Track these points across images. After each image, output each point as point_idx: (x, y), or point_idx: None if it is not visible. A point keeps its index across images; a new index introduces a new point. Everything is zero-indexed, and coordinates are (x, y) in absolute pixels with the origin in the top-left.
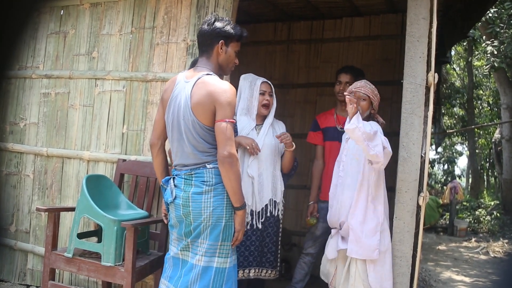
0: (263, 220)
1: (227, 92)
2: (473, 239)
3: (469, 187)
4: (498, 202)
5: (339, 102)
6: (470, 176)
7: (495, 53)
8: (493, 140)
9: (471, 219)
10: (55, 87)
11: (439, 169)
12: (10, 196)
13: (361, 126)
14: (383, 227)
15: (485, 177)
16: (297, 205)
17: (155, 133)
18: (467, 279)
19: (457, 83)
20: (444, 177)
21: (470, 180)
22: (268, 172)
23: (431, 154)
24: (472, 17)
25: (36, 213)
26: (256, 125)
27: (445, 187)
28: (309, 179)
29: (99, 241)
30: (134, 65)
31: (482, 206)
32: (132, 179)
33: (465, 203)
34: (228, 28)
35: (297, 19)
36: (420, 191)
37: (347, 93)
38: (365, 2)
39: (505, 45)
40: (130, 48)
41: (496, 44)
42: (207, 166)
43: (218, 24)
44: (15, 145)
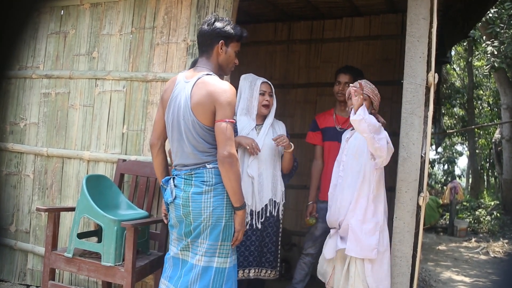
0: (262, 220)
1: (227, 92)
2: (473, 239)
3: (469, 187)
4: (498, 202)
5: (338, 102)
6: (470, 176)
7: (495, 53)
8: (493, 140)
9: (471, 219)
10: (55, 87)
11: (439, 169)
12: (10, 196)
13: (367, 117)
14: (382, 227)
15: (485, 177)
16: (297, 205)
17: (155, 133)
18: (467, 279)
19: (457, 83)
20: (444, 177)
21: (470, 180)
22: (268, 172)
23: (431, 154)
24: (472, 17)
25: (36, 213)
26: (256, 125)
27: (445, 187)
28: (309, 179)
29: (99, 241)
30: (134, 65)
31: (482, 206)
32: (132, 179)
33: (465, 203)
34: (228, 28)
35: (297, 19)
36: (420, 191)
37: (352, 85)
38: (365, 2)
39: (505, 45)
40: (130, 48)
41: (496, 44)
42: (207, 166)
43: (218, 24)
44: (15, 145)
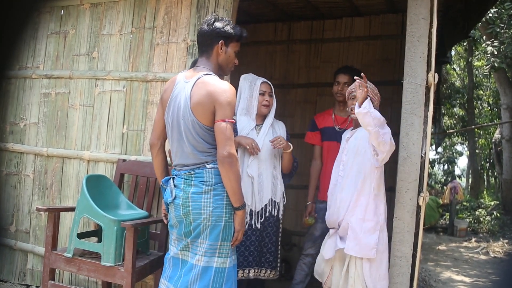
0: (262, 220)
1: (226, 92)
2: (473, 239)
3: (469, 187)
4: (498, 202)
5: (337, 102)
6: (470, 176)
7: (495, 53)
8: (493, 140)
9: (471, 219)
10: (55, 87)
11: (439, 169)
12: (10, 196)
13: (373, 111)
14: (382, 227)
15: (485, 177)
16: (297, 205)
17: (155, 133)
18: (467, 279)
19: (457, 83)
20: (444, 177)
21: (470, 180)
22: (268, 172)
23: (431, 154)
24: (472, 17)
25: (36, 213)
26: (256, 125)
27: (445, 187)
28: (308, 179)
29: (99, 241)
30: (134, 65)
31: (482, 206)
32: (132, 179)
33: (465, 203)
34: (228, 28)
35: (297, 19)
36: (420, 191)
37: (357, 77)
38: (365, 2)
39: (505, 45)
40: (130, 48)
41: (496, 44)
42: (207, 166)
43: (218, 24)
44: (15, 145)
